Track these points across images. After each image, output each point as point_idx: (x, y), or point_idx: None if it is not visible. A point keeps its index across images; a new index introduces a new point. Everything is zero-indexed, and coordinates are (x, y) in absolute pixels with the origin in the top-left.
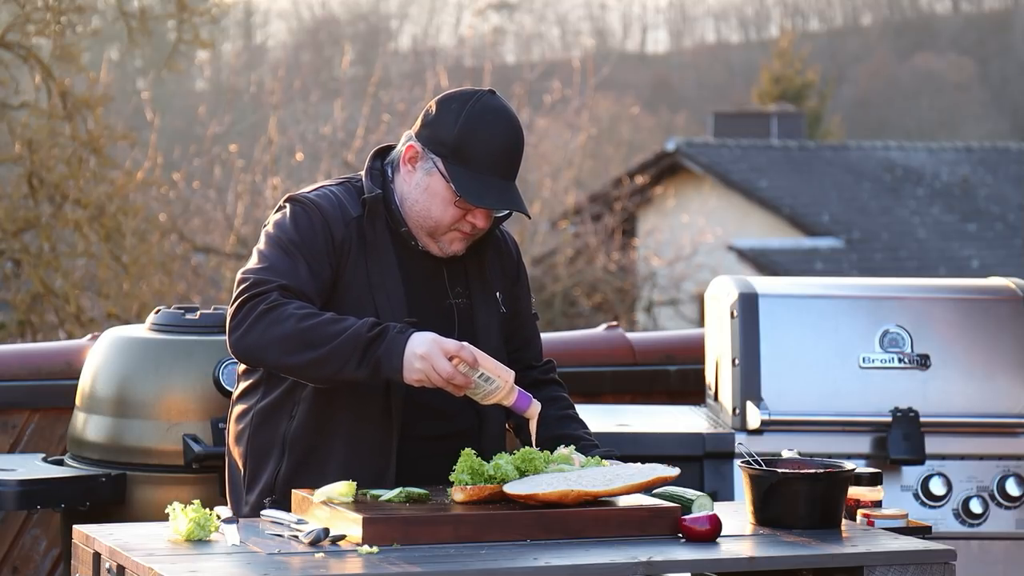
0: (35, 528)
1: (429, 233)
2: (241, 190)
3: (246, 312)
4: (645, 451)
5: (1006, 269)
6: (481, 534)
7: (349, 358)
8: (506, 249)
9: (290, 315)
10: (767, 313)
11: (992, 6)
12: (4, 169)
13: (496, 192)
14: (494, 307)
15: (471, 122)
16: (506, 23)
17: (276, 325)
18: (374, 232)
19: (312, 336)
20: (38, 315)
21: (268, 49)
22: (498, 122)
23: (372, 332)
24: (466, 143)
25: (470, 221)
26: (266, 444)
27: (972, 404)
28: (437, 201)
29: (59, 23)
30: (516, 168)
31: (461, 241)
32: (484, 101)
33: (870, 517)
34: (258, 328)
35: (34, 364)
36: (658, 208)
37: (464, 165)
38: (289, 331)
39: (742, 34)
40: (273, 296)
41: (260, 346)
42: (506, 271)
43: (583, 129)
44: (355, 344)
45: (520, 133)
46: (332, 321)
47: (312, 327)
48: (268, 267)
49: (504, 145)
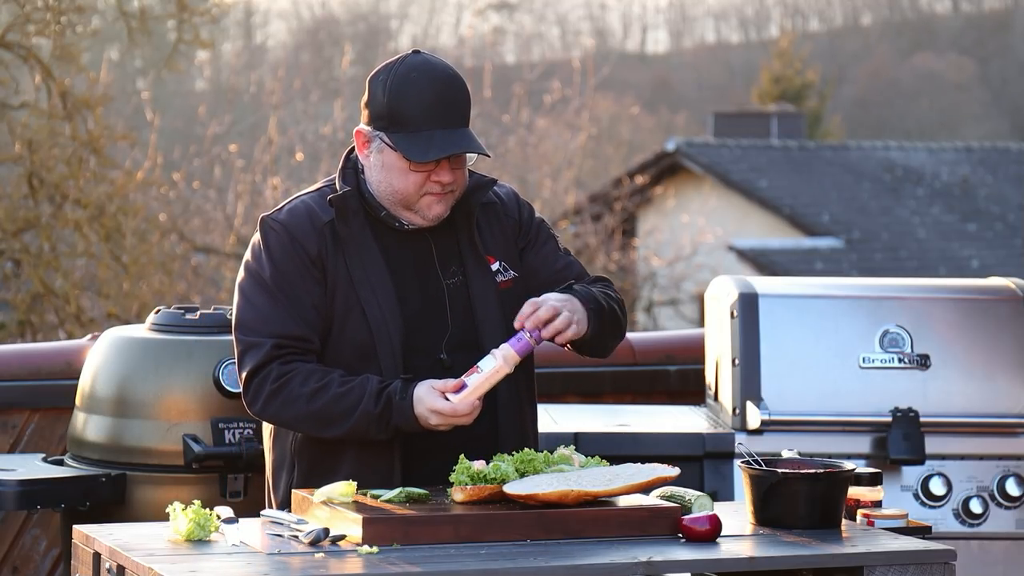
0: (35, 528)
1: (405, 207)
2: (241, 190)
3: (255, 391)
4: (645, 451)
5: (1006, 269)
6: (481, 534)
7: (367, 431)
8: (502, 210)
9: (297, 396)
10: (767, 313)
11: (992, 6)
12: (4, 169)
13: (440, 142)
14: (490, 279)
15: (396, 86)
16: (506, 23)
17: (288, 407)
18: (349, 230)
19: (326, 416)
20: (38, 315)
21: (268, 49)
22: (421, 77)
23: (378, 408)
24: (398, 107)
25: (435, 180)
26: (280, 456)
27: (972, 404)
28: (395, 173)
29: (59, 23)
30: (458, 113)
31: (439, 203)
32: (407, 62)
33: (870, 517)
34: (271, 409)
35: (34, 364)
36: (658, 208)
37: (404, 129)
38: (302, 414)
39: (742, 34)
40: (274, 372)
41: (282, 422)
42: (506, 233)
43: (583, 129)
44: (368, 421)
45: (452, 78)
46: (339, 397)
47: (322, 408)
48: (257, 318)
49: (435, 95)
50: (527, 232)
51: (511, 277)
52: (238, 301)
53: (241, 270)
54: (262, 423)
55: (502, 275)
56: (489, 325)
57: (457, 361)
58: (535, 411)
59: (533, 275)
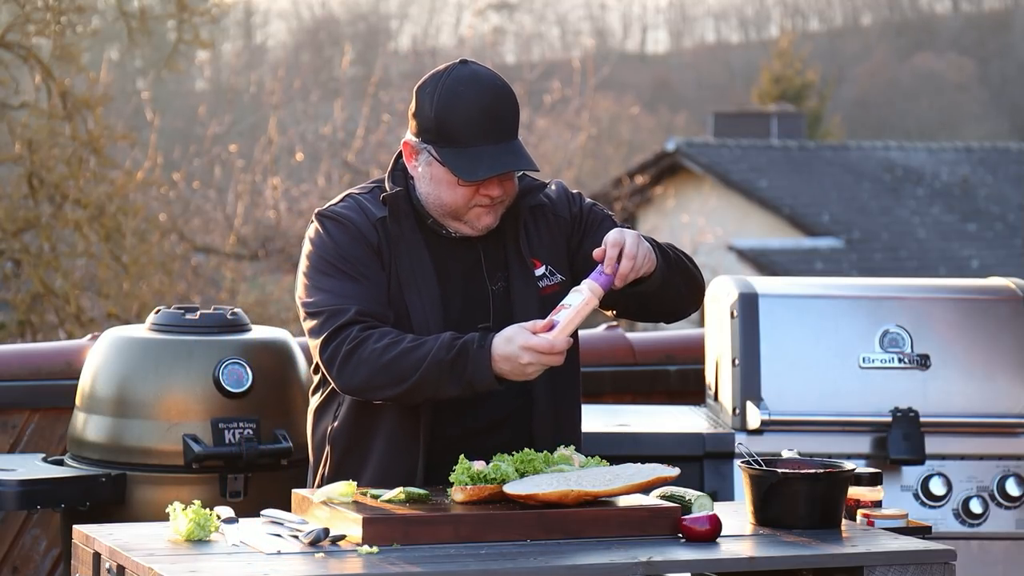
0: (35, 528)
1: (453, 217)
2: (241, 190)
3: (332, 353)
4: (645, 451)
5: (1006, 269)
6: (481, 534)
7: (438, 383)
8: (552, 210)
9: (371, 351)
10: (767, 313)
11: (992, 6)
12: (4, 169)
13: (489, 159)
14: (532, 284)
15: (444, 99)
16: (506, 23)
17: (363, 365)
18: (400, 229)
19: (396, 370)
20: (38, 315)
21: (268, 49)
22: (470, 90)
23: (451, 355)
24: (446, 122)
25: (484, 194)
26: (320, 443)
27: (972, 404)
28: (444, 187)
29: (59, 23)
30: (507, 127)
31: (488, 214)
32: (454, 75)
33: (870, 517)
34: (348, 371)
35: (34, 364)
36: (658, 208)
37: (452, 144)
38: (375, 369)
39: (742, 34)
40: (352, 333)
41: (358, 388)
42: (555, 235)
43: (583, 129)
44: (440, 371)
45: (500, 90)
46: (411, 349)
47: (394, 360)
48: (334, 295)
49: (483, 110)
50: (581, 223)
51: (557, 281)
52: (305, 285)
53: (303, 261)
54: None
55: (547, 280)
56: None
57: None
58: (578, 413)
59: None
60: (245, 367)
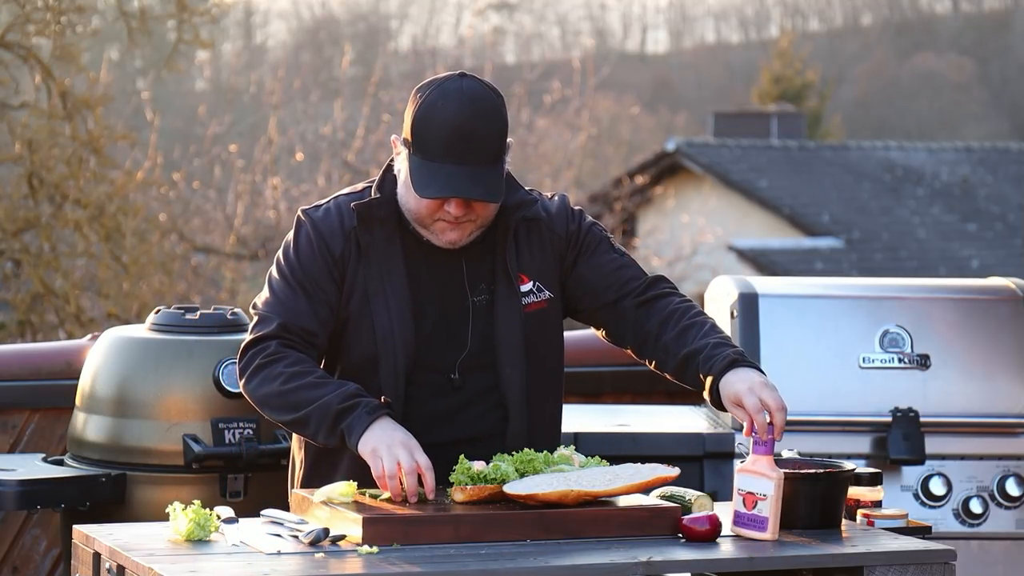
0: (35, 528)
1: (420, 225)
2: (241, 190)
3: (247, 362)
4: (645, 451)
5: (1006, 269)
6: (481, 534)
7: (319, 426)
8: (547, 225)
9: (278, 375)
10: (767, 313)
11: (992, 6)
12: (4, 169)
13: (445, 179)
14: (516, 301)
15: (425, 108)
16: (506, 23)
17: (266, 384)
18: (371, 238)
19: (290, 400)
20: (38, 315)
21: (268, 49)
22: (450, 106)
23: (343, 405)
24: (420, 132)
25: (447, 210)
26: (297, 446)
27: (972, 404)
28: (410, 192)
29: (59, 23)
30: (478, 149)
31: (453, 230)
32: (442, 87)
33: (870, 517)
34: (253, 383)
35: (34, 364)
36: (658, 208)
37: (421, 155)
38: (274, 392)
39: (742, 34)
40: (271, 347)
41: (256, 401)
42: (547, 251)
43: (583, 129)
44: (324, 414)
45: (482, 112)
46: (311, 385)
47: (292, 391)
48: (272, 302)
49: (455, 128)
50: (578, 242)
51: (544, 298)
52: (265, 287)
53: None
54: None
55: (534, 296)
56: (507, 347)
57: (468, 382)
58: (556, 410)
59: (583, 281)
60: None
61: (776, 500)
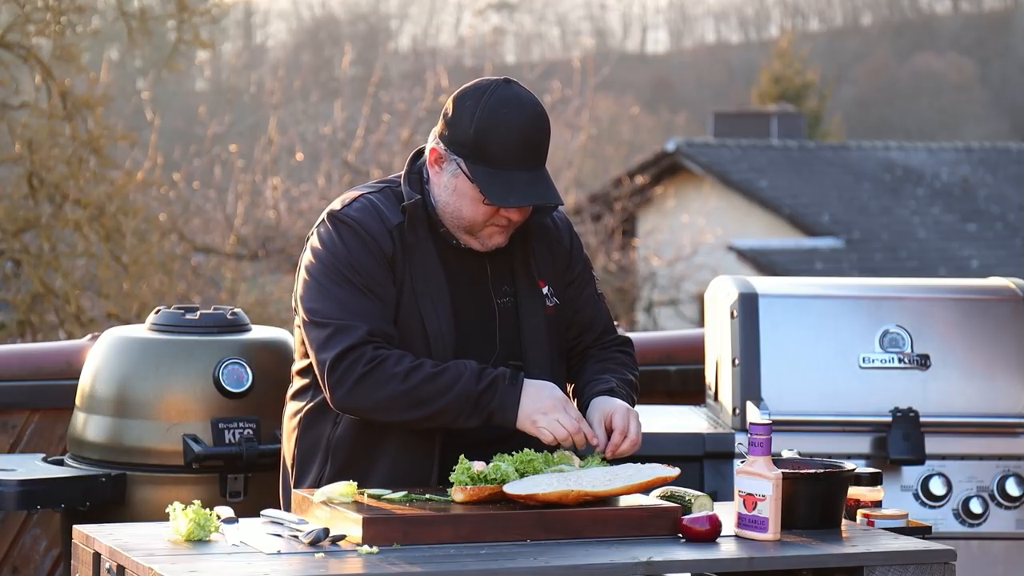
0: (35, 528)
1: (467, 231)
2: (241, 190)
3: (343, 373)
4: (645, 451)
5: (1006, 269)
6: (481, 534)
7: (460, 412)
8: (556, 236)
9: (391, 376)
10: (767, 313)
11: (992, 6)
12: (4, 169)
13: (521, 186)
14: (540, 303)
15: (486, 118)
16: (506, 23)
17: (379, 388)
18: (416, 237)
19: (419, 395)
20: (38, 315)
21: (268, 49)
22: (512, 113)
23: (480, 385)
24: (484, 141)
25: (504, 215)
26: (311, 448)
27: (972, 404)
28: (467, 201)
29: (59, 23)
30: (541, 155)
31: (501, 234)
32: (498, 94)
33: (870, 517)
34: (360, 391)
35: (34, 364)
36: (658, 208)
37: (485, 163)
38: (395, 393)
39: (742, 34)
40: (367, 354)
41: (366, 408)
42: (556, 259)
43: (583, 129)
44: (466, 400)
45: (540, 117)
46: (434, 376)
47: (417, 386)
48: (343, 308)
49: (523, 136)
50: (574, 266)
51: (555, 304)
52: (310, 286)
53: (308, 256)
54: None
55: (549, 300)
56: (535, 348)
57: None
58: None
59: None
60: (245, 367)
61: (775, 500)
